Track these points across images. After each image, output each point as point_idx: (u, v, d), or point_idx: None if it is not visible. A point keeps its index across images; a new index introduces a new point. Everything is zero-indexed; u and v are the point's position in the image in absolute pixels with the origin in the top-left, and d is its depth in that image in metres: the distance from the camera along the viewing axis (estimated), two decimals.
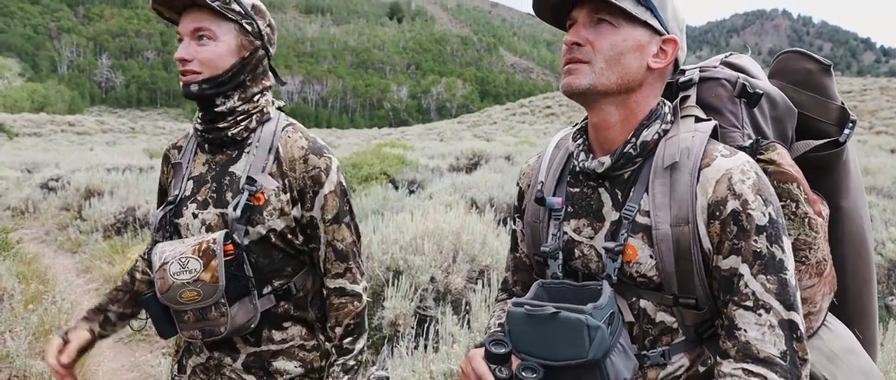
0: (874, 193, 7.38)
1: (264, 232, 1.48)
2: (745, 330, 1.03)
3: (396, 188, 7.89)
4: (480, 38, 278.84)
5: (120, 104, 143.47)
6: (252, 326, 1.49)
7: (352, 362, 1.55)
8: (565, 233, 1.23)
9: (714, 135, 1.15)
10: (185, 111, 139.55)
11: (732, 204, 1.05)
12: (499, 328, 1.28)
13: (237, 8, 1.46)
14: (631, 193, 1.14)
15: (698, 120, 1.17)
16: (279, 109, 1.62)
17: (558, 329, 1.01)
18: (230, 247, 1.43)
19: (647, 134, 1.14)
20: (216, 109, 1.49)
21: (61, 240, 7.75)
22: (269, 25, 1.54)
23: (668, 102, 1.20)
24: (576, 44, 1.13)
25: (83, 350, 1.63)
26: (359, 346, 1.57)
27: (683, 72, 1.27)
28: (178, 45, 1.48)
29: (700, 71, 1.27)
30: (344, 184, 1.57)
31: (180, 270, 1.40)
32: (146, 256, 1.71)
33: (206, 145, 1.57)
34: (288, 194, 1.50)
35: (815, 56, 1.31)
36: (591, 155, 1.19)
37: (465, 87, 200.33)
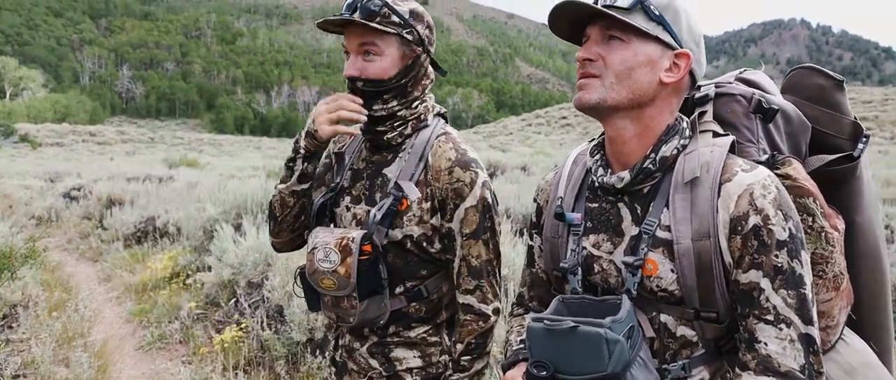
0: (895, 204, 7.28)
1: (401, 237, 1.53)
2: (766, 343, 1.04)
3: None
4: (496, 49, 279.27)
5: (140, 114, 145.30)
6: (381, 322, 1.56)
7: None
8: (584, 248, 1.23)
9: (732, 150, 1.16)
10: (204, 121, 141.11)
11: (754, 219, 1.06)
12: (521, 345, 1.29)
13: (396, 20, 1.50)
14: (650, 208, 1.15)
15: (716, 135, 1.18)
16: (439, 115, 1.64)
17: (577, 343, 1.02)
18: (368, 247, 1.49)
19: (667, 149, 1.15)
20: (374, 113, 1.53)
21: (83, 248, 7.87)
22: (428, 26, 1.57)
23: (685, 118, 1.21)
24: (588, 59, 1.15)
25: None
26: (476, 366, 1.57)
27: (700, 87, 1.29)
28: (345, 58, 1.54)
29: (715, 87, 1.27)
30: (489, 200, 1.54)
31: (324, 258, 1.50)
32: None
33: (368, 143, 1.63)
34: (429, 203, 1.53)
35: (828, 72, 1.32)
36: (610, 170, 1.20)
37: (481, 97, 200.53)
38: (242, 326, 4.11)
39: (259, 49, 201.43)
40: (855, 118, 1.30)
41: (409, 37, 1.52)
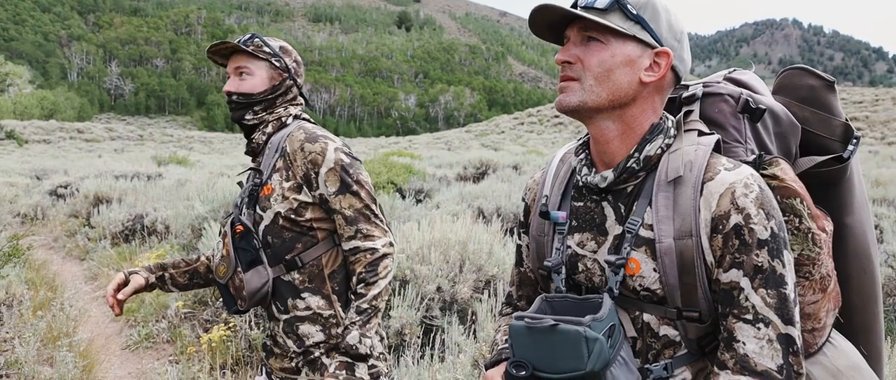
0: (885, 204, 7.33)
1: (272, 215, 1.80)
2: (744, 343, 1.05)
3: (403, 197, 7.89)
4: (489, 47, 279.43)
5: (129, 111, 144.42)
6: (267, 290, 1.79)
7: (365, 306, 1.74)
8: (569, 247, 1.23)
9: (717, 149, 1.16)
10: (194, 119, 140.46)
11: (735, 218, 1.06)
12: (506, 344, 1.29)
13: (267, 50, 1.89)
14: (634, 207, 1.15)
15: (701, 134, 1.17)
16: (299, 117, 1.95)
17: (558, 342, 1.02)
18: (240, 227, 1.78)
19: (650, 148, 1.15)
20: (245, 123, 1.89)
21: (69, 247, 7.80)
22: (296, 61, 1.96)
23: (671, 117, 1.20)
24: (567, 62, 1.15)
25: (137, 291, 1.92)
26: (372, 292, 1.75)
27: (686, 87, 1.28)
28: (227, 80, 1.92)
29: (703, 86, 1.27)
30: (345, 159, 1.80)
31: (216, 251, 1.86)
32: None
33: (252, 156, 1.95)
34: (290, 182, 1.80)
35: (819, 72, 1.31)
36: (594, 169, 1.20)
37: (473, 96, 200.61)
38: (230, 325, 4.07)
39: None
40: (846, 119, 1.30)
41: (277, 63, 1.90)
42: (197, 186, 8.10)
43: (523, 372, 1.04)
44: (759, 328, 1.04)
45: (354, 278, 1.78)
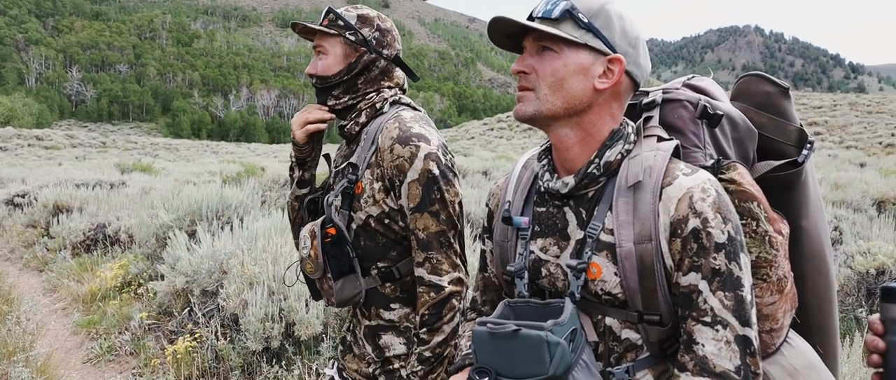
0: (844, 206, 7.53)
1: (364, 218, 1.64)
2: (703, 345, 1.07)
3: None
4: (458, 53, 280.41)
5: (91, 118, 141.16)
6: (359, 300, 1.67)
7: (427, 354, 1.58)
8: (532, 252, 1.25)
9: (676, 154, 1.18)
10: (159, 125, 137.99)
11: (693, 222, 1.08)
12: (470, 350, 1.29)
13: (341, 23, 1.69)
14: (595, 212, 1.17)
15: (660, 139, 1.19)
16: (401, 103, 1.73)
17: (520, 347, 1.03)
18: (332, 230, 1.61)
19: (611, 154, 1.16)
20: (332, 107, 1.73)
21: (27, 258, 7.56)
22: (378, 30, 1.71)
23: (631, 123, 1.22)
24: (522, 72, 1.19)
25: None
26: (436, 339, 1.58)
27: (647, 93, 1.29)
28: None
29: (663, 93, 1.29)
30: (435, 171, 1.56)
31: (303, 246, 1.67)
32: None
33: (344, 141, 1.80)
34: (380, 183, 1.61)
35: (774, 79, 1.35)
36: (556, 175, 1.22)
37: (443, 101, 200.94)
38: (196, 335, 3.99)
39: (217, 51, 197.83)
40: (800, 125, 1.33)
41: (352, 38, 1.67)
42: (162, 194, 7.91)
43: (486, 378, 1.05)
44: (717, 330, 1.06)
45: (418, 318, 1.61)
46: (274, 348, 3.64)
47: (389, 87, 1.73)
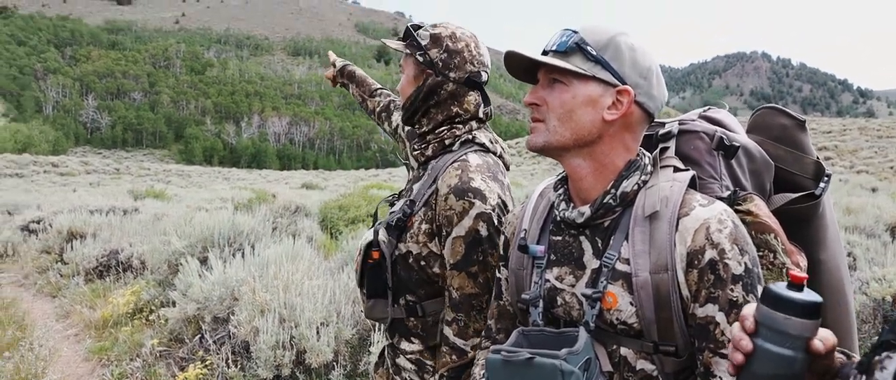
0: (856, 232, 7.45)
1: (405, 251, 1.61)
2: (721, 378, 1.06)
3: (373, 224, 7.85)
4: None
5: (105, 145, 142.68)
6: (385, 324, 1.69)
7: None
8: (547, 281, 1.25)
9: (692, 185, 1.19)
10: (172, 152, 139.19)
11: (710, 253, 1.07)
12: (484, 378, 1.29)
13: (415, 43, 1.64)
14: (611, 241, 1.17)
15: (677, 170, 1.20)
16: (474, 143, 1.64)
17: (533, 375, 1.03)
18: (376, 254, 1.61)
19: (627, 185, 1.17)
20: (416, 130, 1.71)
21: (41, 284, 7.60)
22: (447, 51, 1.61)
23: (647, 154, 1.23)
24: (534, 104, 1.21)
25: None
26: None
27: (662, 124, 1.30)
28: None
29: (679, 124, 1.31)
30: (482, 233, 1.51)
31: (357, 255, 1.70)
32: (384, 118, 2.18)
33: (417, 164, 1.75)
34: (428, 226, 1.59)
35: (791, 112, 1.37)
36: (571, 204, 1.23)
37: None
38: (207, 363, 3.99)
39: (229, 79, 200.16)
40: (817, 158, 1.34)
41: (421, 59, 1.61)
42: (174, 220, 7.97)
43: None
44: None
45: (436, 377, 1.58)
46: (285, 376, 3.64)
47: (462, 122, 1.65)
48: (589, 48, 1.16)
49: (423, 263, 1.60)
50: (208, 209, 10.63)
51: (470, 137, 1.64)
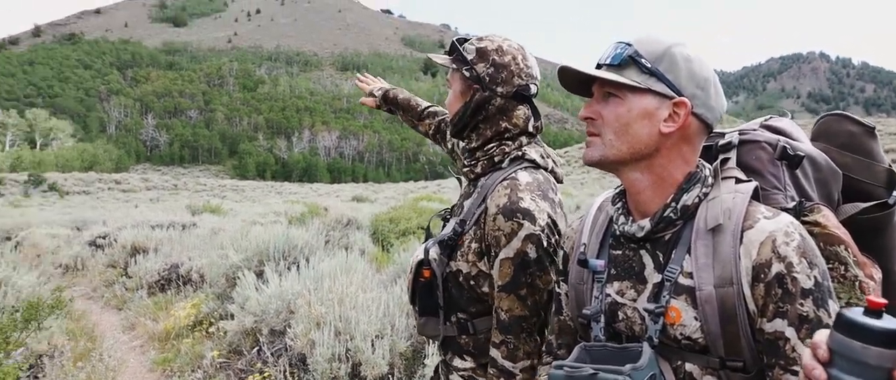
0: None
1: (455, 269, 1.60)
2: None
3: (426, 239, 7.89)
4: None
5: (163, 161, 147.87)
6: (438, 339, 1.69)
7: None
8: (608, 295, 1.24)
9: (755, 196, 1.16)
10: (226, 167, 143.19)
11: (777, 267, 1.05)
12: None
13: (461, 58, 1.61)
14: (672, 255, 1.15)
15: (739, 181, 1.18)
16: (524, 159, 1.60)
17: None
18: (427, 272, 1.60)
19: (688, 198, 1.15)
20: (466, 145, 1.69)
21: (108, 296, 7.93)
22: (493, 65, 1.58)
23: (707, 165, 1.21)
24: (589, 118, 1.20)
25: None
26: None
27: (722, 135, 1.28)
28: None
29: (739, 134, 1.28)
30: (530, 255, 1.48)
31: (409, 273, 1.69)
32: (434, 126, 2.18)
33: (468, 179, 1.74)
34: (477, 245, 1.56)
35: (858, 119, 1.32)
36: (631, 218, 1.22)
37: None
38: (265, 375, 4.08)
39: (280, 95, 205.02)
40: (889, 165, 1.29)
41: (467, 74, 1.58)
42: (231, 234, 8.21)
43: None
44: None
45: None
46: None
47: (511, 137, 1.62)
48: (643, 60, 1.14)
49: (473, 282, 1.59)
50: (262, 223, 10.90)
51: (520, 153, 1.61)
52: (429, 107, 2.22)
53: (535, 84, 1.64)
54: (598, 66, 1.20)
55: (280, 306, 4.52)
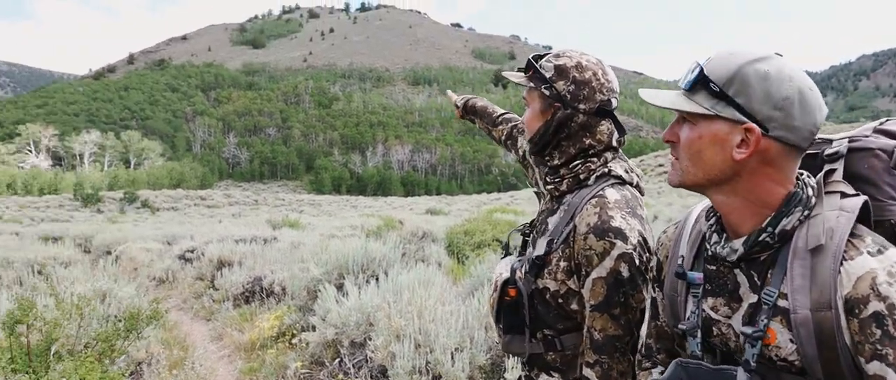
0: None
1: (541, 287, 1.59)
2: None
3: (505, 255, 7.85)
4: None
5: (244, 178, 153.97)
6: (523, 358, 1.67)
7: None
8: (704, 310, 1.20)
9: (865, 211, 1.08)
10: (303, 182, 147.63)
11: (875, 305, 0.97)
12: None
13: (539, 75, 1.60)
14: (769, 276, 1.10)
15: (844, 196, 1.09)
16: (612, 176, 1.59)
17: None
18: (513, 291, 1.61)
19: (788, 223, 1.09)
20: (547, 163, 1.67)
21: (196, 307, 8.30)
22: (574, 82, 1.56)
23: (810, 182, 1.13)
24: (669, 141, 1.19)
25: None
26: None
27: (829, 141, 1.21)
28: None
29: (849, 141, 1.19)
30: (624, 274, 1.46)
31: (493, 291, 1.70)
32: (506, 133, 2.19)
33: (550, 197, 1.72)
34: (566, 263, 1.55)
35: None
36: (725, 235, 1.17)
37: None
38: None
39: (354, 111, 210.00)
40: None
41: (547, 93, 1.57)
42: (310, 248, 8.45)
43: None
44: None
45: None
46: None
47: (596, 154, 1.60)
48: (712, 84, 1.09)
49: (561, 300, 1.57)
50: (340, 237, 11.16)
51: (606, 169, 1.59)
52: (504, 113, 2.24)
53: (616, 98, 1.62)
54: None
55: (360, 318, 4.60)
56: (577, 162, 1.60)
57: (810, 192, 1.11)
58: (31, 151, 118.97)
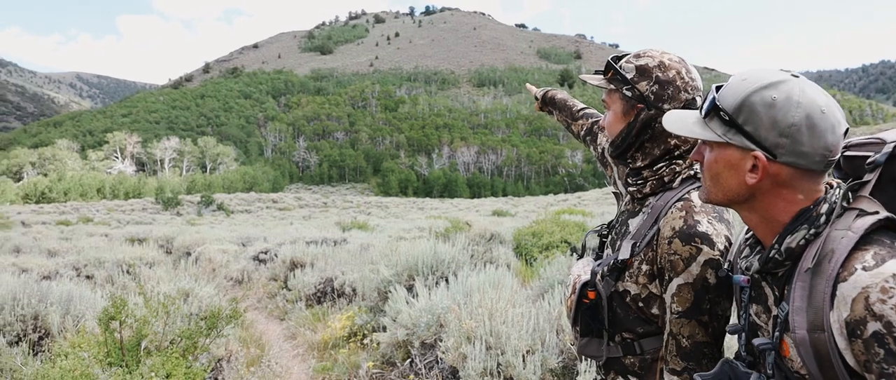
0: None
1: (622, 290, 1.57)
2: None
3: (580, 257, 7.74)
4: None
5: (314, 181, 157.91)
6: (600, 362, 1.65)
7: None
8: (750, 314, 1.27)
9: (872, 234, 1.04)
10: (371, 185, 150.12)
11: (873, 325, 0.96)
12: None
13: (620, 77, 1.57)
14: (785, 291, 1.14)
15: (862, 214, 1.06)
16: (694, 176, 1.55)
17: None
18: (592, 294, 1.59)
19: (792, 240, 1.11)
20: (629, 165, 1.64)
21: (271, 307, 8.57)
22: (657, 82, 1.52)
23: (831, 199, 1.11)
24: (696, 160, 1.28)
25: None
26: None
27: (882, 142, 1.14)
28: None
29: (895, 147, 1.12)
30: (711, 281, 1.41)
31: (568, 286, 1.70)
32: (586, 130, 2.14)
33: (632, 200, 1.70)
34: (649, 267, 1.52)
35: None
36: (758, 247, 1.23)
37: None
38: None
39: (420, 114, 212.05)
40: None
41: (629, 94, 1.54)
42: (380, 250, 8.59)
43: None
44: None
45: None
46: None
47: (681, 156, 1.57)
48: (722, 113, 1.13)
49: (641, 303, 1.55)
50: (408, 238, 11.28)
51: (691, 172, 1.56)
52: (584, 108, 2.22)
53: (700, 96, 1.56)
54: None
55: (430, 319, 4.63)
56: (662, 164, 1.58)
57: (824, 208, 1.10)
58: (117, 158, 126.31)
